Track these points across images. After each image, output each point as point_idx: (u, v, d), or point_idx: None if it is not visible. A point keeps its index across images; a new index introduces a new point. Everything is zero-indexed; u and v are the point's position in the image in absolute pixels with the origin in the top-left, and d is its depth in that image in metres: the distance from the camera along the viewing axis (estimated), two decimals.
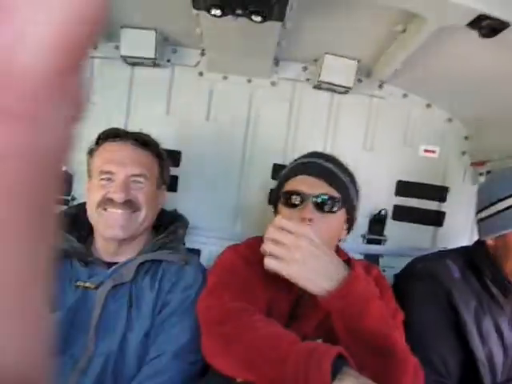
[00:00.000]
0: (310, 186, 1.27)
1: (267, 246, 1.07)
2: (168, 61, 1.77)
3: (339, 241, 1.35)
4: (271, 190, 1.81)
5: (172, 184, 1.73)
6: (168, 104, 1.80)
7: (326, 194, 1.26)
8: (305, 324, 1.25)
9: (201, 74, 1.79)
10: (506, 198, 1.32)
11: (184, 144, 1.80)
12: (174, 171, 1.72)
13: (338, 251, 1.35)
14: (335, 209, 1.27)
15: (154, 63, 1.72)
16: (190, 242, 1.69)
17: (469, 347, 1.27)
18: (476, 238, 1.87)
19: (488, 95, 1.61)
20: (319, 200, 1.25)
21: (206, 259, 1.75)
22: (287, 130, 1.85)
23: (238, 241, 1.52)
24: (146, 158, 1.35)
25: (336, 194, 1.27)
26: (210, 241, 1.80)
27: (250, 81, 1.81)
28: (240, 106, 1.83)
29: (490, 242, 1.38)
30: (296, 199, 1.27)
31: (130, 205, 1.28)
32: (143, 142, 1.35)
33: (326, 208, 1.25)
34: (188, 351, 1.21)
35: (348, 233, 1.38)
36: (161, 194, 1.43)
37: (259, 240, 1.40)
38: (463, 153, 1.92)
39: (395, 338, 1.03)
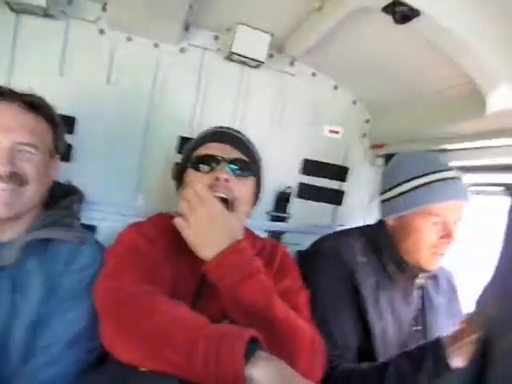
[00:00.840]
0: (223, 151, 1.25)
1: (180, 205, 1.13)
2: (62, 12, 1.55)
3: (248, 215, 1.32)
4: (176, 163, 1.71)
5: (65, 153, 1.54)
6: (62, 63, 1.58)
7: (239, 159, 1.25)
8: (211, 302, 1.21)
9: (101, 31, 1.60)
10: (409, 180, 1.41)
11: (80, 109, 1.61)
12: (67, 139, 1.53)
13: (248, 231, 1.33)
14: (248, 174, 1.27)
15: (45, 12, 1.49)
16: (86, 218, 1.54)
17: (366, 322, 1.33)
18: (370, 217, 2.01)
19: (391, 80, 1.68)
20: (234, 163, 1.24)
21: (103, 237, 1.60)
22: (195, 101, 1.75)
23: (139, 217, 1.43)
24: (36, 124, 1.16)
25: (248, 160, 1.28)
26: (108, 217, 1.65)
27: (156, 45, 1.66)
28: (145, 72, 1.68)
29: (390, 222, 1.46)
30: (210, 163, 1.23)
31: (16, 178, 1.09)
32: (34, 104, 1.15)
33: (241, 172, 1.24)
34: (84, 338, 1.11)
35: (254, 204, 1.37)
36: (53, 165, 1.25)
37: (163, 217, 1.32)
38: (364, 135, 2.01)
39: (276, 312, 1.04)
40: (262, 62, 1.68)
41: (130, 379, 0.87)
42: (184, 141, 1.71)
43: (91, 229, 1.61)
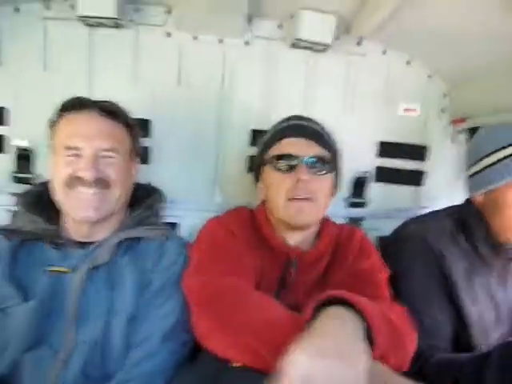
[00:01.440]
0: (301, 147, 1.21)
1: None
2: (131, 20, 1.61)
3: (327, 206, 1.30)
4: (250, 157, 1.72)
5: (143, 156, 1.61)
6: (134, 69, 1.65)
7: (319, 156, 1.21)
8: (295, 291, 1.23)
9: (168, 34, 1.65)
10: (493, 152, 1.30)
11: (154, 112, 1.67)
12: (144, 142, 1.61)
13: (326, 219, 1.31)
14: (328, 171, 1.23)
15: (116, 24, 1.56)
16: (167, 216, 1.59)
17: (459, 309, 1.26)
18: (455, 197, 1.88)
19: (468, 48, 1.55)
20: (314, 161, 1.20)
21: (184, 233, 1.67)
22: (264, 92, 1.75)
23: (218, 212, 1.45)
24: (115, 130, 1.22)
25: (327, 156, 1.23)
26: (187, 214, 1.71)
27: (221, 41, 1.68)
28: (212, 68, 1.70)
29: (478, 198, 1.36)
30: (288, 161, 1.21)
31: (102, 183, 1.16)
32: (111, 111, 1.22)
33: (320, 169, 1.21)
34: (178, 331, 1.15)
35: (333, 195, 1.33)
36: (134, 167, 1.32)
37: (242, 211, 1.34)
38: (442, 110, 1.88)
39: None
40: (329, 45, 1.63)
41: (222, 375, 0.88)
42: (256, 133, 1.71)
43: (173, 226, 1.67)
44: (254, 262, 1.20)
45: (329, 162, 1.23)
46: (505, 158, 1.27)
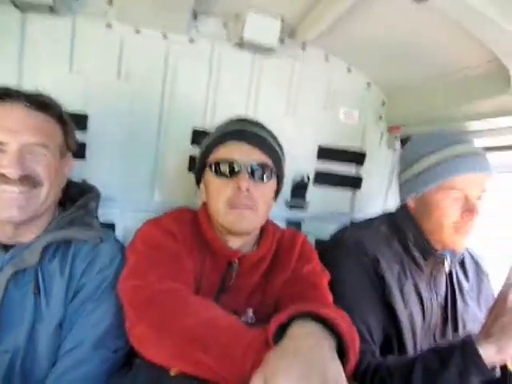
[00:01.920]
0: (243, 153, 1.19)
1: None
2: (68, 8, 1.52)
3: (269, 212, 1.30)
4: (192, 156, 1.69)
5: (79, 151, 1.51)
6: (71, 59, 1.55)
7: (261, 163, 1.20)
8: (234, 297, 1.21)
9: (109, 25, 1.57)
10: (424, 158, 1.37)
11: (92, 105, 1.58)
12: (80, 137, 1.51)
13: (267, 222, 1.30)
14: (270, 178, 1.22)
15: (51, 10, 1.46)
16: (103, 215, 1.50)
17: (393, 311, 1.31)
18: (390, 201, 1.97)
19: (407, 61, 1.63)
20: (255, 169, 1.18)
21: (121, 234, 1.60)
22: (207, 91, 1.72)
23: (157, 212, 1.40)
24: (44, 124, 1.13)
25: (270, 163, 1.22)
26: (125, 213, 1.64)
27: (165, 36, 1.63)
28: (155, 64, 1.64)
29: (411, 204, 1.43)
30: (230, 168, 1.18)
31: (29, 180, 1.07)
32: (40, 103, 1.12)
33: (262, 177, 1.20)
34: (110, 338, 1.10)
35: (275, 201, 1.34)
36: (66, 163, 1.22)
37: (183, 211, 1.31)
38: (380, 117, 1.96)
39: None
40: (274, 48, 1.63)
41: (161, 383, 0.85)
42: (198, 133, 1.69)
43: (109, 226, 1.59)
44: (194, 264, 1.17)
45: (272, 169, 1.23)
46: (433, 164, 1.34)
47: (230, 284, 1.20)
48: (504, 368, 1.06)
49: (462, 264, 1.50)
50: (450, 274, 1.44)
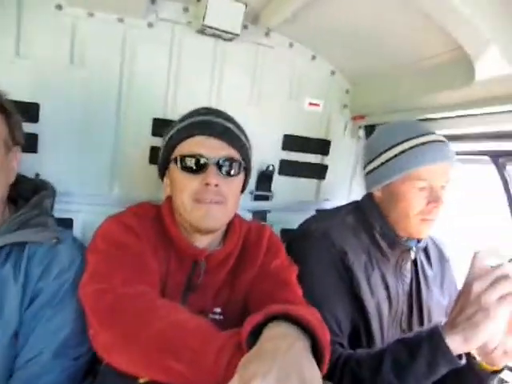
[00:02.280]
0: (211, 148, 1.14)
1: None
2: None
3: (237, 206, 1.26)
4: (152, 147, 1.62)
5: (30, 144, 1.42)
6: (17, 43, 1.42)
7: (229, 157, 1.15)
8: (202, 295, 1.18)
9: (59, 7, 1.44)
10: (390, 148, 1.37)
11: (43, 94, 1.47)
12: (31, 128, 1.42)
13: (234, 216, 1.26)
14: (238, 172, 1.18)
15: None
16: (60, 211, 1.42)
17: (360, 301, 1.31)
18: (355, 188, 1.98)
19: (372, 49, 1.61)
20: (223, 164, 1.14)
21: (80, 229, 1.53)
22: (167, 79, 1.64)
23: (117, 206, 1.34)
24: None
25: (238, 157, 1.18)
26: (83, 208, 1.56)
27: (121, 20, 1.52)
28: (111, 50, 1.54)
29: (377, 194, 1.43)
30: (197, 163, 1.13)
31: None
32: None
33: (230, 172, 1.15)
34: (71, 346, 1.04)
35: (242, 193, 1.30)
36: (13, 158, 1.13)
37: (145, 206, 1.25)
38: (344, 106, 1.95)
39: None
40: (237, 35, 1.57)
41: None
42: (159, 122, 1.61)
43: (67, 222, 1.51)
44: (159, 264, 1.12)
45: (240, 162, 1.18)
46: (399, 153, 1.35)
47: (197, 283, 1.16)
48: (468, 355, 1.08)
49: (426, 251, 1.52)
50: (415, 261, 1.46)
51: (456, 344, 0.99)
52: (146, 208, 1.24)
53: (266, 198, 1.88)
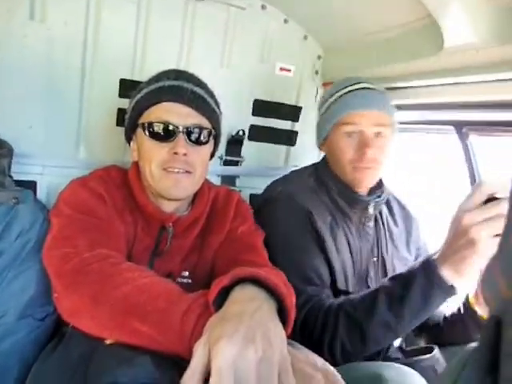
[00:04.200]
0: (180, 115, 1.11)
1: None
2: None
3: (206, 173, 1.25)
4: (119, 109, 1.57)
5: None
6: None
7: (198, 125, 1.13)
8: (169, 260, 1.18)
9: None
10: (323, 103, 1.44)
11: (1, 48, 1.39)
12: None
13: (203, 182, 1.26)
14: (207, 140, 1.16)
15: None
16: (22, 173, 1.39)
17: (328, 260, 1.33)
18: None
19: (343, 14, 1.60)
20: (193, 132, 1.12)
21: (44, 193, 1.49)
22: (135, 38, 1.57)
23: (83, 169, 1.32)
24: None
25: (208, 125, 1.16)
26: (47, 170, 1.51)
27: None
28: (74, 5, 1.46)
29: (323, 149, 1.48)
30: (165, 131, 1.10)
31: None
32: None
33: (200, 140, 1.14)
34: (36, 306, 1.05)
35: (211, 159, 1.29)
36: None
37: (111, 170, 1.23)
38: (316, 72, 1.93)
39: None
40: None
41: (95, 354, 0.82)
42: (126, 83, 1.57)
43: (29, 185, 1.45)
44: (126, 228, 1.12)
45: (210, 130, 1.17)
46: (330, 104, 1.39)
47: (164, 248, 1.16)
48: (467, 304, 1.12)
49: (390, 210, 1.54)
50: (379, 219, 1.48)
51: (448, 276, 0.99)
52: (113, 172, 1.22)
53: (236, 163, 1.88)
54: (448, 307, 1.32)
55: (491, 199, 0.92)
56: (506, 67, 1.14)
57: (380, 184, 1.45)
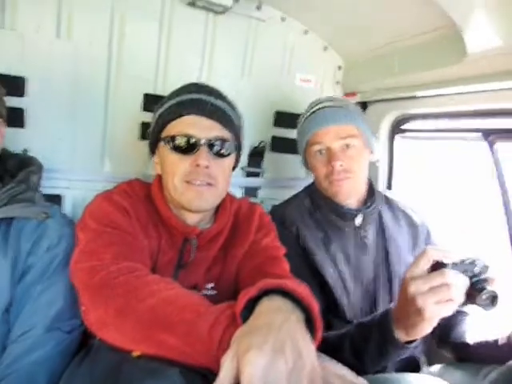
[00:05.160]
0: (202, 128, 1.11)
1: None
2: None
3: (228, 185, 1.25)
4: (143, 123, 1.60)
5: (17, 118, 1.39)
6: (2, 15, 1.37)
7: (221, 138, 1.13)
8: (193, 272, 1.18)
9: None
10: (298, 126, 1.52)
11: (29, 67, 1.43)
12: (18, 102, 1.39)
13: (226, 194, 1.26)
14: (229, 152, 1.17)
15: None
16: (48, 188, 1.42)
17: (322, 275, 1.34)
18: None
19: (364, 25, 1.59)
20: (214, 144, 1.12)
21: (69, 207, 1.52)
22: (157, 52, 1.60)
23: (108, 183, 1.34)
24: None
25: (229, 137, 1.16)
26: (73, 184, 1.54)
27: None
28: (99, 22, 1.49)
29: (310, 170, 1.51)
30: (188, 143, 1.11)
31: None
32: None
33: (221, 152, 1.14)
34: (63, 319, 1.05)
35: (233, 171, 1.29)
36: None
37: (136, 184, 1.24)
38: (337, 83, 1.93)
39: None
40: (228, 7, 1.54)
41: (123, 366, 0.82)
42: (149, 98, 1.59)
43: (55, 199, 1.50)
44: (150, 242, 1.12)
45: (232, 143, 1.17)
46: (300, 128, 1.50)
47: (189, 260, 1.16)
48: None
49: (395, 218, 1.53)
50: (381, 228, 1.48)
51: (401, 337, 1.01)
52: (137, 186, 1.23)
53: (258, 175, 1.88)
54: (482, 333, 1.28)
55: (437, 265, 0.96)
56: None
57: (370, 194, 1.47)
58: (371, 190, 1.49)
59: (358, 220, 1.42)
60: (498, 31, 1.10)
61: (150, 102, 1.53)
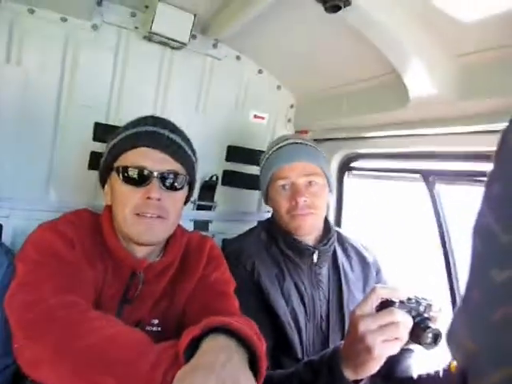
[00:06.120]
0: (155, 160, 1.11)
1: None
2: None
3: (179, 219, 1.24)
4: (92, 152, 1.57)
5: None
6: None
7: (173, 171, 1.13)
8: (139, 307, 1.15)
9: None
10: (262, 160, 1.55)
11: None
12: None
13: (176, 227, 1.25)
14: (182, 186, 1.17)
15: None
16: None
17: (274, 311, 1.33)
18: None
19: (316, 67, 1.67)
20: (167, 177, 1.12)
21: (9, 237, 1.44)
22: (111, 83, 1.60)
23: (52, 212, 1.29)
24: None
25: (183, 171, 1.17)
26: (14, 213, 1.47)
27: (64, 19, 1.46)
28: (52, 50, 1.47)
29: (269, 204, 1.54)
30: (140, 175, 1.10)
31: None
32: None
33: (174, 185, 1.14)
34: None
35: (185, 204, 1.28)
36: None
37: (82, 214, 1.20)
38: (289, 120, 1.99)
39: None
40: (185, 44, 1.57)
41: None
42: (100, 127, 1.57)
43: None
44: (95, 274, 1.08)
45: (184, 176, 1.17)
46: (265, 162, 1.51)
47: (134, 295, 1.13)
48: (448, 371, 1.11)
49: (347, 256, 1.56)
50: (333, 265, 1.50)
51: (349, 375, 1.02)
52: (83, 216, 1.19)
53: (209, 208, 1.88)
54: (425, 366, 1.31)
55: (385, 303, 1.00)
56: (468, 121, 1.21)
57: (327, 231, 1.49)
58: (327, 228, 1.50)
59: (315, 257, 1.43)
60: (433, 81, 1.18)
61: (102, 131, 1.52)
